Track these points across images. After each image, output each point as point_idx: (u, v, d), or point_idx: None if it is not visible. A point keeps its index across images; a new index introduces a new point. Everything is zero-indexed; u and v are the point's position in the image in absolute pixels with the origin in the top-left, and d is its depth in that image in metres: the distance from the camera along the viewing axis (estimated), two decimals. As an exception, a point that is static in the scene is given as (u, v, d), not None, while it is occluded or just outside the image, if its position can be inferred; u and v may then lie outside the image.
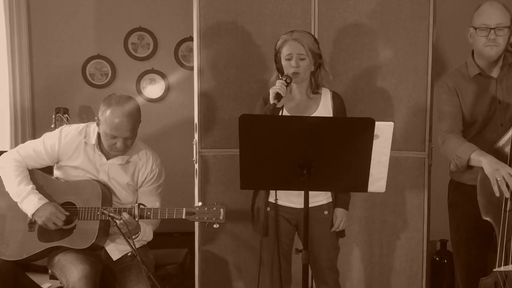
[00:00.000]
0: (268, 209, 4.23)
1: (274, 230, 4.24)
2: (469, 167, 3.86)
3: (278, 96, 3.85)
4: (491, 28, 3.88)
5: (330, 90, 4.30)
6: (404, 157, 4.86)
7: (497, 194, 3.62)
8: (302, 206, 3.54)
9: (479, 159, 3.75)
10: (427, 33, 4.78)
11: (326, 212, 4.27)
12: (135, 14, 6.41)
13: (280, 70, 4.21)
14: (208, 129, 4.89)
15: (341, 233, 4.36)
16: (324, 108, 4.23)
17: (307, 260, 3.44)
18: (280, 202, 4.21)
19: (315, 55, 4.16)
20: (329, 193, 4.27)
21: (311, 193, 3.44)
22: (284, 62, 4.14)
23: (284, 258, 4.30)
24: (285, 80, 3.96)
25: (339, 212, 4.28)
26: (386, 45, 4.85)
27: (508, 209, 3.59)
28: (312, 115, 4.16)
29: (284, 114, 4.02)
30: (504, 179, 3.57)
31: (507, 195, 3.59)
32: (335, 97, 4.28)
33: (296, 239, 4.40)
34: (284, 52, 4.13)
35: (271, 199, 4.23)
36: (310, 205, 4.05)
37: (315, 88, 4.23)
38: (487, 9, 3.93)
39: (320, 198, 4.25)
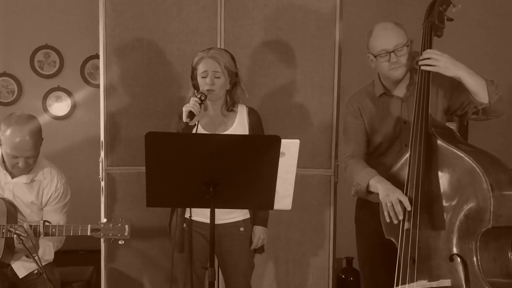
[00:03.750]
0: (185, 225, 4.13)
1: (188, 247, 4.15)
2: (369, 192, 3.83)
3: (191, 115, 3.79)
4: (390, 52, 3.82)
5: (246, 106, 4.24)
6: (310, 174, 4.84)
7: (388, 220, 3.60)
8: (217, 222, 3.50)
9: (376, 185, 3.73)
10: (333, 50, 4.78)
11: (242, 229, 4.20)
12: (41, 32, 6.27)
13: (196, 87, 4.12)
14: (114, 147, 4.80)
15: (260, 249, 4.32)
16: (239, 124, 4.16)
17: (213, 277, 3.37)
18: (196, 218, 4.11)
19: (231, 74, 4.09)
20: (246, 210, 4.20)
21: (226, 209, 3.38)
22: (199, 79, 4.06)
23: (197, 276, 4.20)
24: (200, 98, 3.89)
25: (258, 230, 4.23)
26: (292, 63, 4.82)
27: (405, 228, 3.55)
28: (227, 132, 4.10)
29: (199, 130, 3.95)
30: (392, 204, 3.56)
31: (395, 221, 3.56)
32: (251, 113, 4.22)
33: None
34: (200, 69, 4.05)
35: (188, 215, 4.13)
36: (226, 221, 4.10)
37: (230, 106, 4.16)
38: (381, 34, 3.86)
39: (235, 214, 4.17)
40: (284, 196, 3.57)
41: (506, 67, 6.24)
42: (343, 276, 6.11)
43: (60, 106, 6.32)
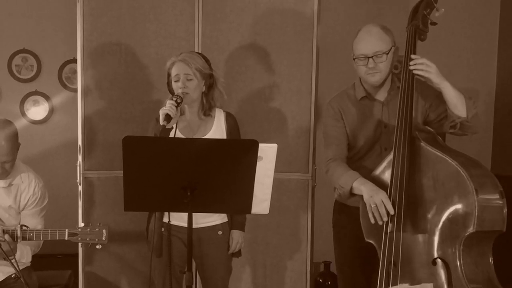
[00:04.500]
0: (163, 229, 4.11)
1: (167, 251, 4.12)
2: (352, 194, 3.80)
3: (167, 117, 3.76)
4: (369, 57, 3.79)
5: (223, 111, 4.22)
6: (288, 179, 4.84)
7: (372, 221, 3.58)
8: (195, 226, 3.49)
9: (360, 187, 3.70)
10: (311, 54, 4.78)
11: (220, 232, 4.19)
12: (19, 36, 6.21)
13: (172, 91, 4.10)
14: (92, 151, 4.78)
15: (237, 253, 4.31)
16: (217, 129, 4.14)
17: (190, 281, 3.35)
18: (174, 222, 4.09)
19: (204, 76, 4.06)
20: (224, 214, 4.19)
21: (204, 213, 3.38)
22: (173, 84, 4.04)
23: (176, 280, 4.18)
24: (175, 101, 3.86)
25: (236, 234, 4.22)
26: (270, 67, 4.82)
27: (389, 231, 3.54)
28: (206, 137, 4.08)
29: (177, 134, 3.95)
30: (376, 206, 3.54)
31: (380, 222, 3.54)
32: (229, 117, 4.20)
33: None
34: (173, 73, 4.04)
35: (166, 219, 4.11)
36: (204, 225, 4.07)
37: (207, 109, 4.13)
38: (364, 38, 3.82)
39: (214, 218, 4.16)
40: (261, 200, 3.55)
41: (484, 73, 6.28)
42: (320, 280, 6.10)
43: (37, 110, 6.27)
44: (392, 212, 3.50)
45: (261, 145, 3.23)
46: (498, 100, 6.29)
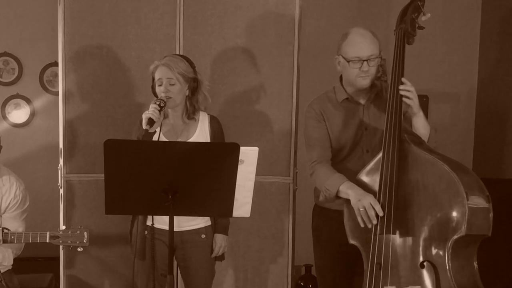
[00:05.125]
0: (146, 232, 4.10)
1: (150, 254, 4.11)
2: (338, 197, 3.79)
3: (150, 121, 3.75)
4: (364, 60, 3.79)
5: (208, 114, 4.21)
6: (269, 182, 4.84)
7: (362, 225, 3.57)
8: (179, 229, 3.54)
9: (347, 191, 3.69)
10: (292, 57, 4.78)
11: (203, 236, 4.17)
12: (0, 39, 6.19)
13: (156, 95, 4.08)
14: (73, 154, 4.75)
15: (221, 257, 4.29)
16: (201, 133, 4.14)
17: (172, 285, 3.35)
18: (158, 226, 4.06)
19: (187, 79, 4.05)
20: (207, 217, 4.17)
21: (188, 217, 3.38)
22: (156, 88, 4.04)
23: (159, 283, 4.14)
24: (159, 104, 3.86)
25: (219, 238, 4.21)
26: (252, 70, 4.82)
27: (378, 233, 3.54)
28: (189, 140, 4.07)
29: (160, 138, 3.93)
30: (365, 209, 3.54)
31: (369, 225, 3.54)
32: (213, 121, 4.20)
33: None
34: (156, 77, 4.04)
35: (149, 222, 4.09)
36: (187, 228, 4.06)
37: (191, 113, 4.12)
38: (358, 41, 3.82)
39: (197, 221, 4.14)
40: (243, 203, 3.57)
41: (465, 76, 6.31)
42: (302, 284, 6.09)
43: (19, 114, 6.25)
44: (381, 214, 3.50)
45: (242, 148, 3.23)
46: (479, 103, 6.31)
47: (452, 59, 6.31)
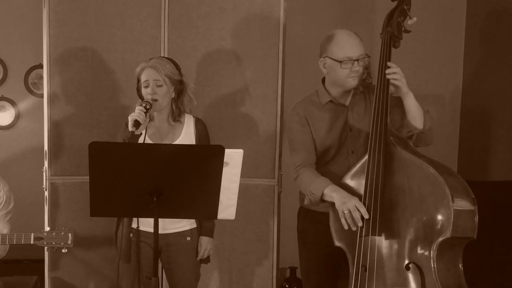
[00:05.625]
0: (131, 235, 4.10)
1: (136, 257, 4.12)
2: (323, 201, 3.78)
3: (136, 123, 3.76)
4: (354, 60, 3.79)
5: (193, 117, 4.22)
6: (254, 184, 4.84)
7: (345, 227, 3.57)
8: (164, 231, 3.54)
9: (331, 195, 3.70)
10: (277, 60, 4.80)
11: (188, 238, 4.17)
12: (-16, 42, 6.18)
13: (141, 97, 4.09)
14: (58, 157, 4.75)
15: (206, 260, 4.29)
16: (186, 135, 4.14)
17: (157, 287, 3.35)
18: (143, 228, 4.06)
19: (174, 82, 4.06)
20: (193, 219, 4.18)
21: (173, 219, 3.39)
22: (143, 90, 4.04)
23: (144, 286, 4.15)
24: (145, 106, 3.87)
25: (204, 240, 4.21)
26: (236, 73, 4.83)
27: (363, 235, 3.55)
28: (175, 143, 4.07)
29: (146, 140, 3.93)
30: (350, 212, 3.54)
31: (354, 228, 3.54)
32: (198, 123, 4.20)
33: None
34: (142, 79, 4.04)
35: (134, 225, 4.09)
36: (172, 230, 4.06)
37: (176, 115, 4.13)
38: (347, 41, 3.82)
39: (182, 223, 4.15)
40: (227, 205, 3.58)
41: (450, 78, 6.33)
42: (286, 286, 6.08)
43: (3, 116, 6.22)
44: (367, 216, 3.50)
45: (227, 151, 3.24)
46: (464, 105, 6.32)
47: (437, 61, 6.31)
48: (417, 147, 3.79)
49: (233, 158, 3.48)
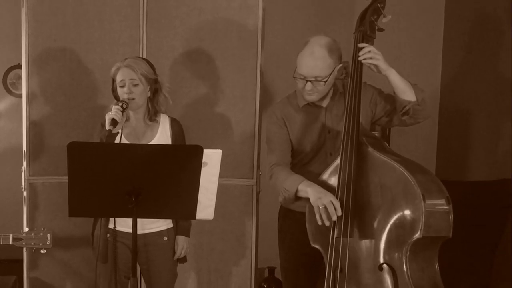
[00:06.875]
0: (108, 235, 4.10)
1: (112, 257, 4.13)
2: (297, 198, 3.78)
3: (113, 122, 3.76)
4: (307, 80, 3.76)
5: (169, 117, 4.23)
6: (232, 184, 4.85)
7: (319, 223, 3.56)
8: (141, 231, 3.53)
9: (305, 189, 3.68)
10: (255, 60, 4.81)
11: (165, 238, 4.19)
12: (-38, 42, 6.17)
13: (117, 98, 4.09)
14: (36, 157, 4.75)
15: (183, 259, 4.31)
16: (162, 135, 4.15)
17: (135, 287, 3.37)
18: (120, 228, 4.08)
19: (149, 81, 4.07)
20: (169, 219, 4.19)
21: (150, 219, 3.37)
22: (118, 89, 4.04)
23: (121, 286, 4.16)
24: (121, 106, 3.87)
25: (181, 240, 4.23)
26: (215, 73, 4.84)
27: (335, 236, 3.55)
28: (151, 142, 4.09)
29: (122, 140, 3.93)
30: (325, 207, 3.53)
31: (327, 223, 3.53)
32: (174, 123, 4.22)
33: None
34: (118, 79, 4.04)
35: (111, 225, 4.10)
36: (149, 230, 4.07)
37: (152, 115, 4.14)
38: (307, 60, 3.76)
39: (159, 224, 4.16)
40: (206, 206, 3.58)
41: (429, 76, 6.34)
42: (265, 286, 6.09)
43: (-18, 116, 6.26)
44: (339, 213, 3.49)
45: (205, 151, 3.25)
46: (442, 106, 6.31)
47: (415, 61, 6.30)
48: (417, 122, 3.82)
49: (212, 158, 3.48)
